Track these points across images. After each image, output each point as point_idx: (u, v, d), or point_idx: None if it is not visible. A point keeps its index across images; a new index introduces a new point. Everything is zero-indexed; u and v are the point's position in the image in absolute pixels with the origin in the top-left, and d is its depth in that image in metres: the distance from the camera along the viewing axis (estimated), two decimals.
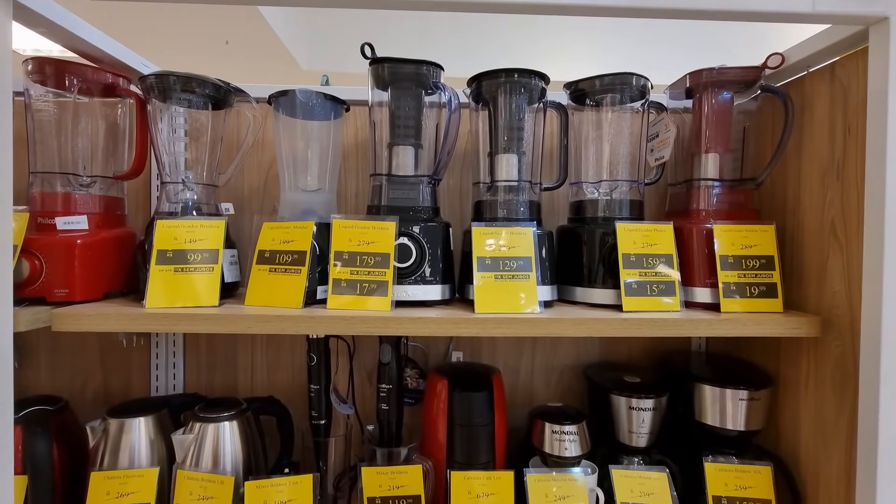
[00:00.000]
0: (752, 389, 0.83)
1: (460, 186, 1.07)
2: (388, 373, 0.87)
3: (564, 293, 0.86)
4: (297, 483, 0.76)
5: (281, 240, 0.80)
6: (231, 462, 0.81)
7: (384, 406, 0.86)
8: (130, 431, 0.82)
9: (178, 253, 0.76)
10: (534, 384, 1.09)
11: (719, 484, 0.82)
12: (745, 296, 0.78)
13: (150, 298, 0.74)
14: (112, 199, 0.86)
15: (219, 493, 0.76)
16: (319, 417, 0.89)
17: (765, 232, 0.80)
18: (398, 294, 0.78)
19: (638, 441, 0.87)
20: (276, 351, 1.07)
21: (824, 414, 0.77)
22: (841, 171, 0.74)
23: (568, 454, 0.81)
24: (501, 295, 0.76)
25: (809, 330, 0.75)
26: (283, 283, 0.77)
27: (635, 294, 0.77)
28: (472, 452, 0.82)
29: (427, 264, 0.80)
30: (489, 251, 0.78)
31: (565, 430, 0.82)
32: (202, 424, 0.80)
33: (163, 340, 1.04)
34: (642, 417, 0.86)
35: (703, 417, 0.87)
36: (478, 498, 0.78)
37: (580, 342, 1.09)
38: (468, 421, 0.82)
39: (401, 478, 0.80)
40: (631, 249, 0.79)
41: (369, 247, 0.77)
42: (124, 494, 0.77)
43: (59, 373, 1.04)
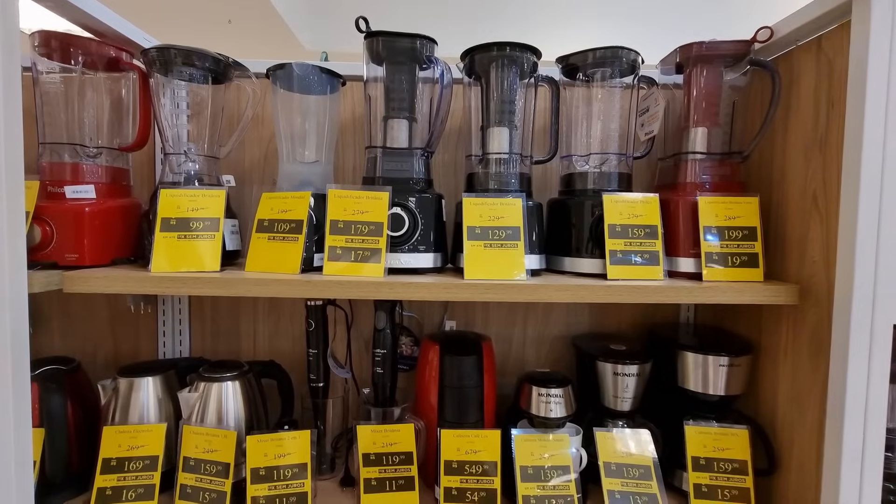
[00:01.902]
0: (733, 356, 0.87)
1: (455, 161, 1.10)
2: (383, 338, 0.91)
3: (554, 264, 0.89)
4: (296, 438, 0.81)
5: (279, 209, 0.83)
6: (234, 419, 0.85)
7: (379, 370, 0.90)
8: (139, 390, 0.87)
9: (181, 221, 0.80)
10: (525, 354, 1.12)
11: (698, 445, 0.86)
12: (727, 265, 0.81)
13: (155, 263, 0.77)
14: (118, 170, 0.89)
15: (222, 447, 0.81)
16: (318, 380, 0.94)
17: (748, 204, 0.82)
18: (391, 262, 0.81)
19: (622, 405, 0.91)
20: (277, 319, 1.11)
21: (800, 379, 0.80)
22: (824, 144, 0.76)
23: (553, 415, 0.85)
24: (490, 262, 0.79)
25: (788, 298, 0.77)
26: (281, 250, 0.80)
27: (620, 263, 0.80)
28: (461, 412, 0.86)
29: (419, 233, 0.83)
30: (479, 221, 0.81)
31: (551, 393, 0.85)
32: (206, 384, 0.85)
33: (169, 308, 1.09)
34: (626, 383, 0.90)
35: (685, 383, 0.90)
36: (466, 454, 0.82)
37: (570, 314, 1.12)
38: (458, 383, 0.86)
39: (394, 435, 0.85)
40: (617, 220, 0.82)
41: (363, 216, 0.80)
42: (134, 447, 0.83)
43: (72, 339, 1.09)
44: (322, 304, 0.93)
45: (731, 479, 0.84)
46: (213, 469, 0.80)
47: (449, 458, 0.82)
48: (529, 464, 0.83)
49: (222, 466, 0.80)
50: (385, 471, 0.85)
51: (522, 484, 0.82)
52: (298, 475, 0.80)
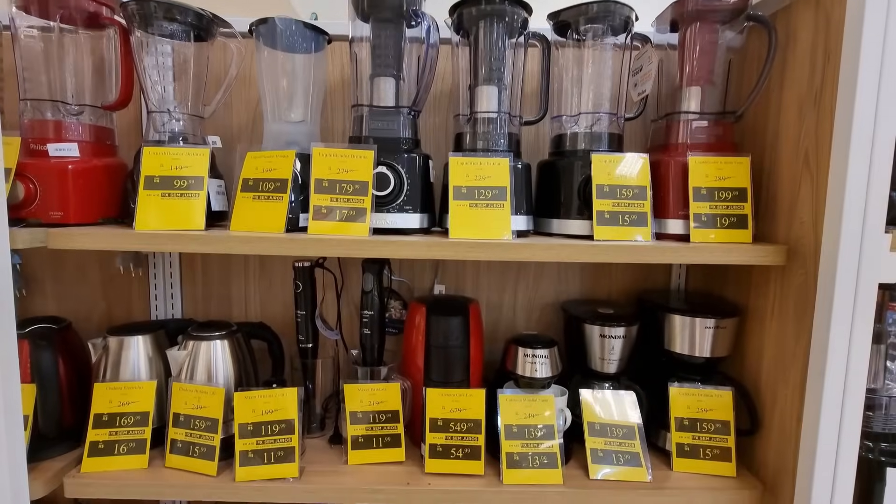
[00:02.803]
0: (719, 318, 0.87)
1: (446, 125, 1.08)
2: (371, 301, 0.91)
3: (542, 226, 0.88)
4: (283, 395, 0.82)
5: (264, 168, 0.82)
6: (223, 378, 0.86)
7: (367, 331, 0.91)
8: (129, 348, 0.88)
9: (165, 179, 0.79)
10: (516, 320, 1.13)
11: (682, 407, 0.87)
12: (716, 226, 0.80)
13: (139, 221, 0.77)
14: (102, 129, 0.88)
15: (210, 403, 0.82)
16: (306, 341, 0.94)
17: (739, 164, 0.81)
18: (377, 222, 0.81)
19: (608, 367, 0.92)
20: (269, 284, 1.12)
21: (785, 340, 0.80)
22: (819, 98, 0.74)
23: (538, 375, 0.86)
24: (475, 222, 0.78)
25: (775, 258, 0.77)
26: (266, 209, 0.80)
27: (607, 224, 0.79)
28: (447, 372, 0.87)
29: (406, 193, 0.82)
30: (465, 181, 0.80)
31: (537, 354, 0.86)
32: (195, 342, 0.86)
33: (160, 272, 1.09)
34: (612, 345, 0.90)
35: (671, 346, 0.91)
36: (451, 412, 0.83)
37: (561, 280, 1.12)
38: (444, 343, 0.86)
39: (380, 394, 0.86)
40: (605, 180, 0.81)
41: (348, 175, 0.80)
42: (125, 403, 0.84)
43: (65, 303, 1.10)
44: (309, 265, 0.93)
45: (714, 439, 0.85)
46: (203, 424, 0.82)
47: (434, 416, 0.83)
48: (514, 422, 0.84)
49: (211, 422, 0.81)
50: (372, 428, 0.86)
51: (507, 441, 0.83)
52: (286, 431, 0.81)
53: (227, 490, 0.79)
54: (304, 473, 0.82)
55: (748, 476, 0.85)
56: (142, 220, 0.77)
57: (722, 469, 0.84)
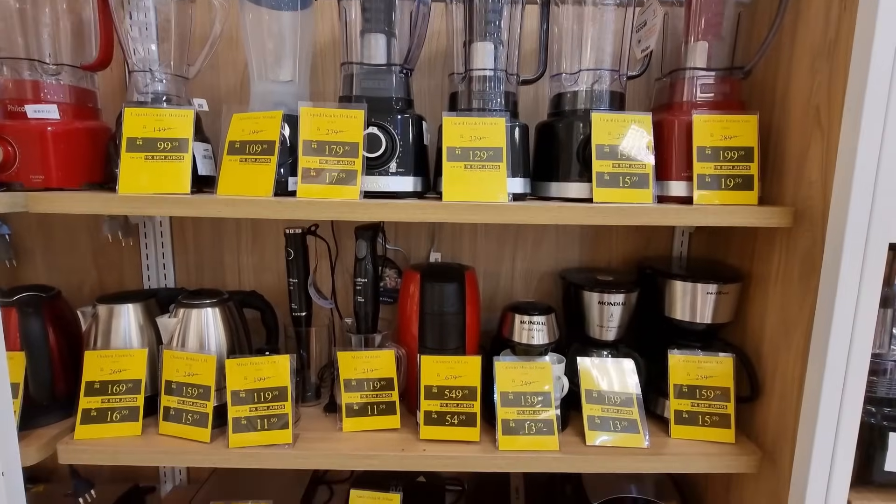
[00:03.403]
0: (721, 283, 0.84)
1: (441, 88, 1.04)
2: (364, 268, 0.89)
3: (541, 190, 0.85)
4: (275, 363, 0.81)
5: (250, 130, 0.79)
6: (215, 346, 0.85)
7: (360, 299, 0.89)
8: (120, 316, 0.87)
9: (148, 141, 0.76)
10: (514, 289, 1.11)
11: (682, 374, 0.85)
12: (720, 188, 0.77)
13: (122, 184, 0.75)
14: (83, 91, 0.85)
15: (202, 370, 0.81)
16: (299, 310, 0.93)
17: (746, 122, 0.77)
18: (369, 185, 0.78)
19: (607, 335, 0.90)
20: (262, 253, 1.10)
21: (789, 305, 0.78)
22: (832, 51, 0.70)
23: (535, 342, 0.84)
24: (470, 184, 0.76)
25: (781, 220, 0.74)
26: (254, 172, 0.77)
27: (607, 185, 0.77)
28: (442, 340, 0.86)
29: (398, 156, 0.79)
30: (459, 141, 0.77)
31: (534, 320, 0.84)
32: (185, 310, 0.84)
33: (151, 242, 1.07)
34: (611, 312, 0.88)
35: (672, 312, 0.89)
36: (446, 380, 0.82)
37: (560, 248, 1.09)
38: (439, 310, 0.85)
39: (374, 361, 0.85)
40: (605, 140, 0.77)
41: (338, 135, 0.77)
42: (117, 371, 0.83)
43: (56, 274, 1.09)
44: (301, 232, 0.90)
45: (713, 406, 0.84)
46: (195, 392, 0.81)
47: (429, 384, 0.82)
48: (510, 390, 0.83)
49: (203, 389, 0.81)
50: (366, 396, 0.85)
51: (503, 409, 0.82)
52: (279, 398, 0.80)
53: (221, 456, 0.79)
54: (299, 440, 0.82)
55: (747, 442, 0.84)
56: (125, 184, 0.75)
57: (721, 435, 0.83)
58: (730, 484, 0.93)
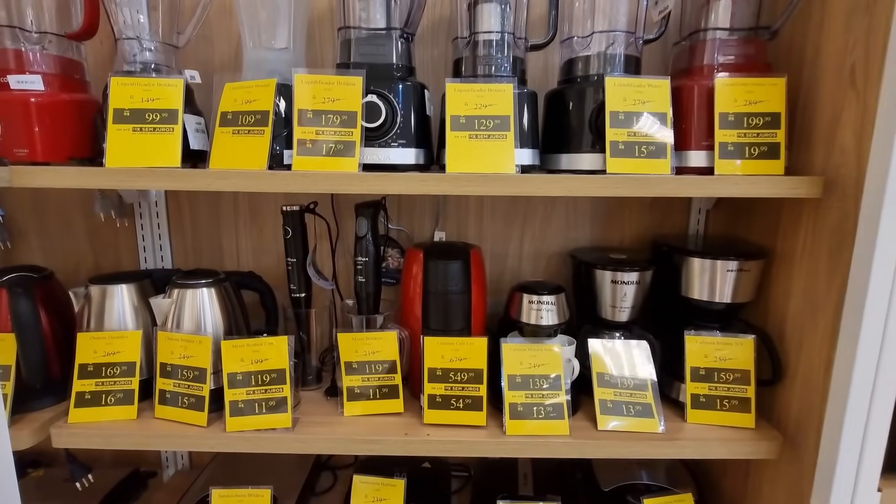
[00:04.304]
0: (743, 260, 0.79)
1: (445, 58, 0.99)
2: (365, 246, 0.85)
3: (550, 163, 0.81)
4: (273, 344, 0.77)
5: (243, 100, 0.75)
6: (211, 328, 0.82)
7: (361, 279, 0.85)
8: (113, 297, 0.84)
9: (136, 112, 0.73)
10: (521, 269, 1.06)
11: (699, 356, 0.81)
12: (744, 157, 0.72)
13: (109, 157, 0.71)
14: (68, 62, 0.81)
15: (198, 352, 0.78)
16: (298, 290, 0.89)
17: (773, 86, 0.72)
18: (368, 157, 0.74)
19: (620, 316, 0.86)
20: (260, 234, 1.06)
21: (816, 282, 0.73)
22: (871, 5, 0.64)
23: (544, 323, 0.80)
24: (475, 155, 0.71)
25: (810, 190, 0.69)
26: (247, 144, 0.73)
27: (621, 155, 0.72)
28: (446, 320, 0.82)
29: (399, 126, 0.75)
30: (464, 110, 0.72)
31: (543, 300, 0.80)
32: (180, 290, 0.81)
33: (147, 223, 1.04)
34: (625, 292, 0.84)
35: (689, 292, 0.84)
36: (451, 362, 0.78)
37: (570, 227, 1.05)
38: (443, 289, 0.81)
39: (376, 343, 0.81)
40: (620, 107, 0.72)
41: (335, 104, 0.72)
42: (111, 353, 0.80)
43: (52, 257, 1.06)
44: (298, 209, 0.87)
45: (732, 389, 0.80)
46: (191, 374, 0.78)
47: (433, 366, 0.79)
48: (518, 373, 0.79)
49: (199, 372, 0.78)
50: (368, 379, 0.82)
51: (510, 392, 0.78)
52: (277, 381, 0.77)
53: (218, 440, 0.76)
54: (298, 424, 0.79)
55: (767, 427, 0.80)
56: (112, 157, 0.71)
57: (740, 420, 0.79)
58: (748, 470, 0.89)
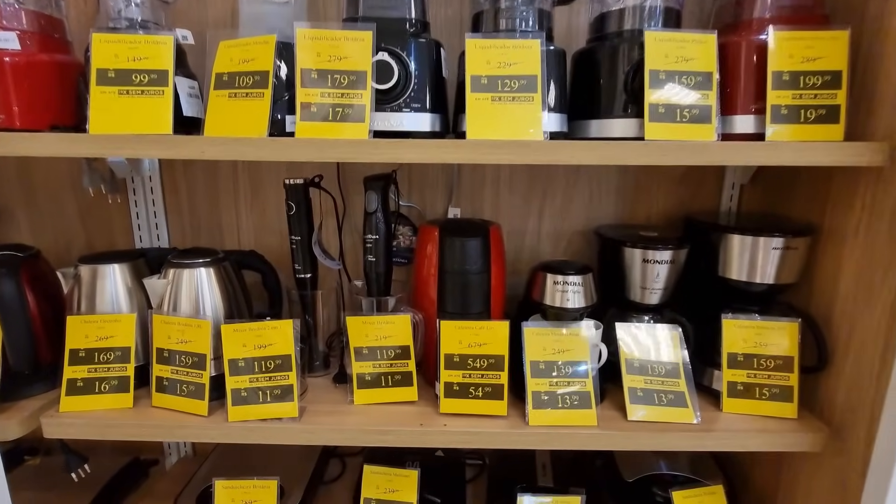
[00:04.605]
0: (790, 237, 0.73)
1: (461, 17, 0.90)
2: (375, 223, 0.79)
3: (578, 131, 0.73)
4: (277, 328, 0.72)
5: (240, 59, 0.67)
6: (211, 311, 0.76)
7: (371, 258, 0.79)
8: (105, 278, 0.78)
9: (122, 73, 0.65)
10: (540, 249, 1.00)
11: (737, 341, 0.75)
12: (798, 121, 0.64)
13: (93, 122, 0.64)
14: (48, 19, 0.73)
15: (196, 337, 0.72)
16: (303, 271, 0.83)
17: (835, 40, 0.64)
18: (378, 123, 0.67)
19: (650, 298, 0.79)
20: (262, 212, 1.00)
21: (873, 261, 0.66)
22: None
23: (570, 306, 0.74)
24: (498, 119, 0.64)
25: (874, 157, 0.61)
26: (245, 109, 0.66)
27: (661, 120, 0.64)
28: (464, 303, 0.76)
29: (413, 88, 0.67)
30: (486, 69, 0.65)
31: (569, 281, 0.74)
32: (176, 270, 0.75)
33: (141, 199, 0.98)
34: (657, 272, 0.77)
35: (727, 272, 0.78)
36: (469, 347, 0.73)
37: (593, 203, 0.98)
38: (460, 269, 0.74)
39: (387, 328, 0.75)
40: (661, 65, 0.64)
41: (342, 63, 0.65)
42: (103, 338, 0.75)
43: (42, 237, 1.00)
44: (302, 182, 0.80)
45: (773, 377, 0.74)
46: (189, 360, 0.73)
47: (450, 352, 0.73)
48: (541, 359, 0.74)
49: (198, 357, 0.72)
50: (380, 365, 0.76)
51: (533, 380, 0.73)
52: (282, 367, 0.72)
53: (220, 430, 0.71)
54: (305, 413, 0.74)
55: (810, 418, 0.74)
56: (96, 122, 0.64)
57: (781, 410, 0.73)
58: (782, 461, 0.84)
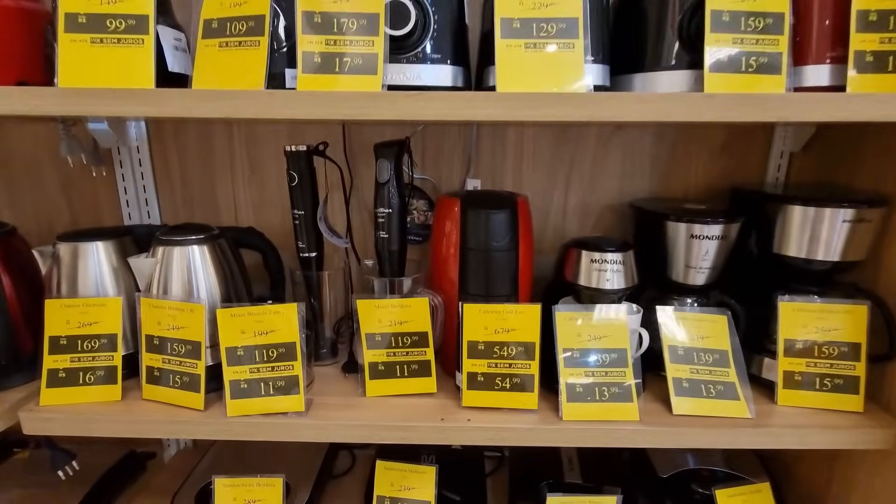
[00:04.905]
0: (864, 207, 0.64)
1: None
2: (387, 195, 0.70)
3: (620, 86, 0.64)
4: (279, 313, 0.64)
5: (231, 2, 0.58)
6: (206, 293, 0.68)
7: (383, 234, 0.71)
8: (87, 257, 0.70)
9: (94, 18, 0.56)
10: (566, 226, 0.91)
11: (795, 326, 0.67)
12: (886, 69, 0.55)
13: (62, 75, 0.55)
14: None
15: (189, 323, 0.64)
16: (308, 249, 0.75)
17: None
18: (393, 76, 0.58)
19: (695, 278, 0.71)
20: (261, 186, 0.91)
21: None
22: None
23: (609, 287, 0.66)
24: (533, 69, 0.55)
25: None
26: (238, 60, 0.57)
27: (725, 70, 0.55)
28: (489, 284, 0.67)
29: (432, 35, 0.58)
30: (519, 11, 0.55)
31: (608, 259, 0.65)
32: (166, 248, 0.67)
33: (129, 172, 0.89)
34: (706, 249, 0.69)
35: (784, 248, 0.69)
36: (496, 334, 0.65)
37: (626, 176, 0.89)
38: (485, 246, 0.66)
39: (404, 312, 0.67)
40: (725, 4, 0.55)
41: (350, 4, 0.55)
42: (87, 324, 0.67)
43: (21, 213, 0.92)
44: (305, 150, 0.71)
45: (836, 366, 0.66)
46: (182, 349, 0.65)
47: (474, 339, 0.65)
48: (575, 346, 0.66)
49: (192, 345, 0.65)
50: (394, 354, 0.69)
51: (566, 370, 0.65)
52: (285, 356, 0.64)
53: (219, 426, 0.64)
54: (312, 407, 0.66)
55: (878, 412, 0.66)
56: (65, 75, 0.55)
57: (844, 403, 0.66)
58: (836, 457, 0.76)
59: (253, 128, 0.88)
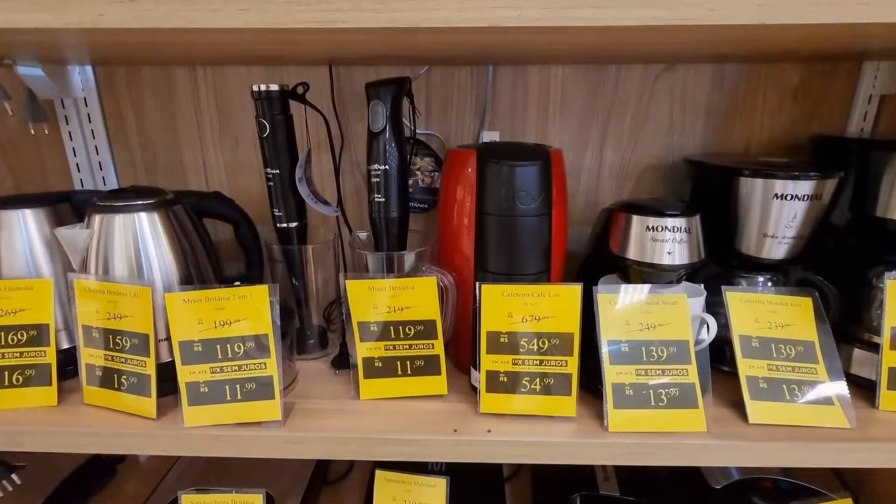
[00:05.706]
0: None
1: None
2: (382, 148, 0.55)
3: None
4: (246, 297, 0.50)
5: None
6: (159, 273, 0.54)
7: (378, 197, 0.56)
8: (11, 228, 0.56)
9: None
10: (599, 190, 0.76)
11: None
12: None
13: None
14: None
15: (134, 310, 0.51)
16: (287, 218, 0.61)
17: None
18: None
19: (775, 251, 0.56)
20: (234, 146, 0.77)
21: None
22: None
23: (670, 262, 0.51)
24: None
25: None
26: None
27: None
28: (513, 259, 0.53)
29: None
30: None
31: (668, 225, 0.51)
32: (105, 216, 0.53)
33: (76, 130, 0.75)
34: (793, 212, 0.54)
35: (888, 210, 0.54)
36: (523, 322, 0.51)
37: (674, 130, 0.73)
38: (509, 210, 0.51)
39: (406, 294, 0.53)
40: None
41: None
42: (11, 311, 0.54)
43: None
44: (278, 91, 0.56)
45: None
46: (127, 343, 0.52)
47: (495, 329, 0.51)
48: (623, 338, 0.52)
49: (139, 339, 0.51)
50: (395, 347, 0.55)
51: (612, 367, 0.51)
52: (256, 352, 0.50)
53: (175, 439, 0.51)
54: (292, 414, 0.53)
55: None
56: None
57: None
58: None
59: (222, 72, 0.73)
